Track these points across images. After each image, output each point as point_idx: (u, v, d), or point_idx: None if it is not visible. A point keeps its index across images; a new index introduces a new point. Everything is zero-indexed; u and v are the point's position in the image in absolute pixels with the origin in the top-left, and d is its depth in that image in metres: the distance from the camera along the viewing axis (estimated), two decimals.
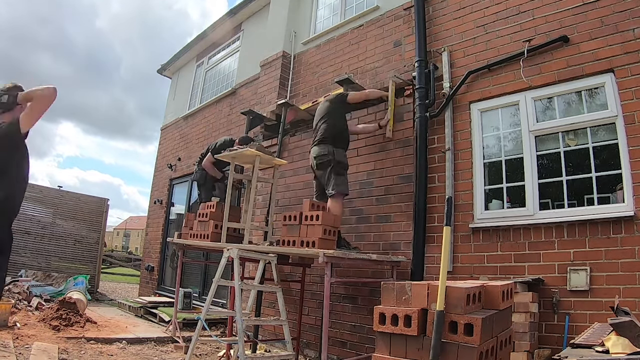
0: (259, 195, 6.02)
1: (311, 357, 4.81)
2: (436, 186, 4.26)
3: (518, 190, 3.84)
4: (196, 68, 9.89)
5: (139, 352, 4.86)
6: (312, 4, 6.44)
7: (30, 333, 4.86)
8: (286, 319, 3.88)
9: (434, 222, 4.19)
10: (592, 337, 2.45)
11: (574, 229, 3.39)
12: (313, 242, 3.72)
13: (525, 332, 3.16)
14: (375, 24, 5.31)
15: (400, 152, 4.60)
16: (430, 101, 4.43)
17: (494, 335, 2.11)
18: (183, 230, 5.75)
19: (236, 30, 8.62)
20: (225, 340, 4.54)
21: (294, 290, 5.02)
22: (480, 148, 4.12)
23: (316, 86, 5.85)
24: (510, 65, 4.00)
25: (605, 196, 3.43)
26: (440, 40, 4.62)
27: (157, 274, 9.18)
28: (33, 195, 10.03)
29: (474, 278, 3.77)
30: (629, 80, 3.31)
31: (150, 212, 10.24)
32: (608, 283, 3.16)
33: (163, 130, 10.60)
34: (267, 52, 6.68)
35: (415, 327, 2.03)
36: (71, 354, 4.40)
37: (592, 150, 3.49)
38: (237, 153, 4.82)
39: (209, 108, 8.77)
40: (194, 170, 6.73)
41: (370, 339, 4.11)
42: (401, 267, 4.18)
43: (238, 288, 3.68)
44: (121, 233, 71.55)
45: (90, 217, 10.72)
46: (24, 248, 9.57)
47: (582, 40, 3.60)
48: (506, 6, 4.16)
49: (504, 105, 4.06)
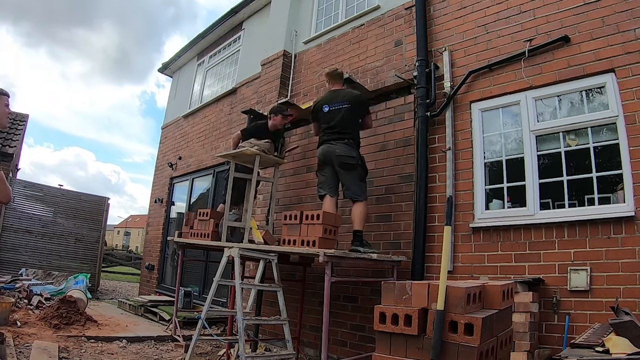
0: (260, 194, 6.03)
1: (311, 356, 4.81)
2: (437, 186, 4.25)
3: (518, 190, 3.83)
4: (197, 67, 9.89)
5: (140, 351, 4.87)
6: (313, 3, 6.43)
7: (31, 332, 4.87)
8: (286, 318, 3.89)
9: (434, 221, 4.19)
10: (592, 337, 2.45)
11: (575, 229, 3.39)
12: (313, 241, 3.72)
13: (526, 332, 3.16)
14: (376, 24, 5.31)
15: (400, 151, 4.60)
16: (431, 101, 4.43)
17: (494, 335, 2.11)
18: (184, 229, 5.75)
19: (237, 29, 8.62)
20: (226, 339, 4.56)
21: (295, 289, 5.02)
22: (480, 148, 4.12)
23: (317, 85, 5.85)
24: (511, 65, 3.99)
25: (606, 196, 3.43)
26: (441, 39, 4.61)
27: (157, 272, 9.19)
28: (34, 194, 10.07)
29: (474, 278, 3.77)
30: (630, 81, 3.31)
31: (150, 211, 10.25)
32: (608, 283, 3.16)
33: (164, 129, 10.61)
34: (268, 51, 6.67)
35: (415, 327, 2.03)
36: (71, 352, 4.41)
37: (592, 150, 3.49)
38: (238, 152, 4.83)
39: (210, 107, 8.77)
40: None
41: (371, 338, 4.11)
42: (402, 266, 4.18)
43: (239, 287, 3.68)
44: (122, 232, 71.60)
45: (90, 215, 10.76)
46: (25, 247, 9.60)
47: (583, 40, 3.60)
48: (507, 6, 4.15)
49: (504, 105, 4.06)
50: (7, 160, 9.64)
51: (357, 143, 4.29)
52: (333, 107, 4.31)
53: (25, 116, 11.46)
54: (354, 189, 4.14)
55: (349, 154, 4.15)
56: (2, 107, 2.70)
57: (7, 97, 2.76)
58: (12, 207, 9.42)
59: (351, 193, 4.15)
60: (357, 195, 4.12)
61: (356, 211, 4.10)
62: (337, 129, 4.24)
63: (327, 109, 4.35)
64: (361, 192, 4.16)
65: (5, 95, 2.75)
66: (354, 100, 4.31)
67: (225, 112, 8.18)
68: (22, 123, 11.08)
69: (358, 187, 4.15)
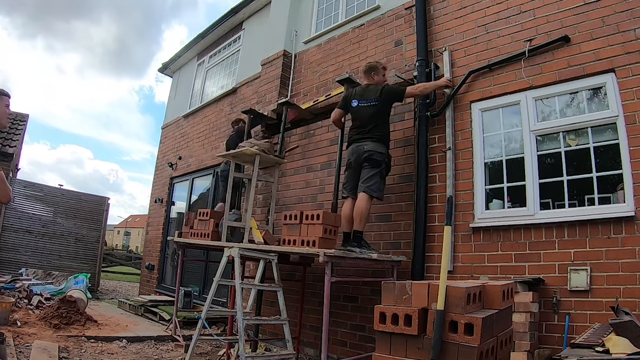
0: (260, 194, 6.03)
1: (311, 356, 4.82)
2: (437, 186, 4.25)
3: (519, 190, 3.83)
4: (197, 67, 9.89)
5: (140, 351, 4.87)
6: (313, 3, 6.43)
7: (31, 331, 4.87)
8: (286, 318, 3.89)
9: (434, 221, 4.18)
10: (592, 337, 2.45)
11: (575, 229, 3.39)
12: (313, 241, 3.72)
13: (526, 332, 3.16)
14: (376, 23, 5.31)
15: (400, 151, 4.60)
16: (431, 101, 4.43)
17: (494, 335, 2.11)
18: (184, 229, 5.76)
19: (237, 29, 8.62)
20: (226, 339, 4.56)
21: (295, 289, 5.02)
22: (480, 147, 4.11)
23: (317, 85, 5.85)
24: (511, 65, 3.99)
25: (606, 196, 3.43)
26: (441, 39, 4.61)
27: (157, 272, 9.19)
28: (34, 193, 10.08)
29: (475, 278, 3.77)
30: (630, 81, 3.30)
31: (150, 210, 10.25)
32: (608, 283, 3.16)
33: (164, 129, 10.61)
34: (268, 51, 6.68)
35: (415, 327, 2.03)
36: (71, 352, 4.41)
37: (592, 150, 3.49)
38: (238, 152, 4.83)
39: (210, 107, 8.78)
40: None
41: (371, 338, 4.12)
42: (402, 266, 4.18)
43: (239, 287, 3.68)
44: (122, 232, 71.59)
45: (90, 215, 10.77)
46: (25, 246, 9.60)
47: (583, 40, 3.60)
48: (507, 6, 4.15)
49: (504, 105, 4.06)
50: (7, 160, 9.65)
51: (387, 141, 4.17)
52: (362, 104, 4.19)
53: (25, 116, 11.47)
54: (370, 182, 3.98)
55: (378, 150, 4.03)
56: (3, 108, 2.72)
57: (8, 97, 2.78)
58: (12, 207, 9.43)
59: (365, 186, 3.98)
60: (370, 190, 3.96)
61: (358, 209, 3.97)
62: (366, 128, 4.12)
63: (356, 104, 4.23)
64: (377, 189, 4.00)
65: (6, 95, 2.76)
66: (381, 94, 4.13)
67: (225, 112, 8.18)
68: (22, 123, 11.08)
69: (376, 183, 4.00)
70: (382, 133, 4.14)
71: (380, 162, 4.03)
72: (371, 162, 4.02)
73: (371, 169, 4.02)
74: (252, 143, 4.83)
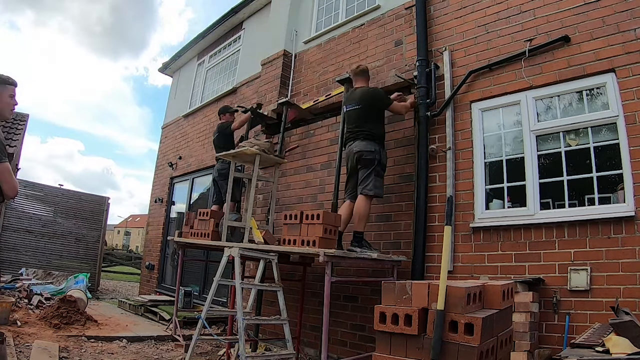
0: (260, 194, 6.03)
1: (311, 356, 4.82)
2: (437, 186, 4.25)
3: (519, 190, 3.83)
4: (197, 67, 9.89)
5: (140, 351, 4.87)
6: (313, 3, 6.43)
7: (31, 331, 4.87)
8: (286, 318, 3.89)
9: (434, 221, 4.19)
10: (592, 337, 2.45)
11: (575, 229, 3.39)
12: (313, 241, 3.72)
13: (526, 331, 3.16)
14: (376, 23, 5.31)
15: (400, 151, 4.60)
16: (431, 101, 4.43)
17: (494, 335, 2.12)
18: (184, 229, 5.76)
19: (237, 29, 8.62)
20: (226, 339, 4.56)
21: (295, 289, 5.02)
22: (481, 147, 4.11)
23: (317, 85, 5.85)
24: (511, 64, 3.99)
25: (606, 196, 3.43)
26: (441, 39, 4.61)
27: (157, 272, 9.19)
28: (34, 193, 10.08)
29: (475, 278, 3.77)
30: (630, 80, 3.31)
31: (150, 210, 10.26)
32: (608, 283, 3.16)
33: (164, 128, 10.61)
34: (268, 51, 6.67)
35: (415, 327, 2.03)
36: (71, 352, 4.41)
37: (593, 150, 3.49)
38: (238, 152, 4.83)
39: (210, 107, 8.77)
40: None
41: (371, 338, 4.12)
42: (402, 266, 4.18)
43: (239, 287, 3.68)
44: (122, 231, 71.58)
45: (91, 215, 10.77)
46: (25, 246, 9.61)
47: (583, 40, 3.60)
48: (507, 6, 4.15)
49: (505, 105, 4.06)
50: None
51: (376, 137, 4.17)
52: (348, 108, 4.32)
53: (26, 116, 11.44)
54: (365, 182, 4.02)
55: (367, 149, 4.07)
56: (7, 98, 2.47)
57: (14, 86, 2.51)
58: (13, 206, 9.43)
59: (362, 187, 4.03)
60: (367, 190, 3.99)
61: (358, 209, 4.00)
62: (354, 129, 4.23)
63: (345, 109, 4.39)
64: (373, 187, 4.02)
65: (11, 84, 2.50)
66: (362, 98, 4.21)
67: None
68: (22, 123, 11.07)
69: (371, 181, 4.01)
70: (370, 131, 4.17)
71: (371, 160, 4.07)
72: (363, 163, 4.09)
73: (365, 169, 4.09)
74: (252, 143, 4.82)
